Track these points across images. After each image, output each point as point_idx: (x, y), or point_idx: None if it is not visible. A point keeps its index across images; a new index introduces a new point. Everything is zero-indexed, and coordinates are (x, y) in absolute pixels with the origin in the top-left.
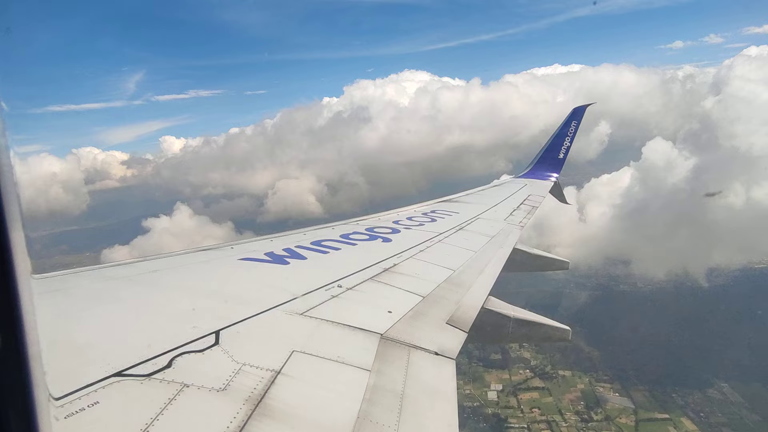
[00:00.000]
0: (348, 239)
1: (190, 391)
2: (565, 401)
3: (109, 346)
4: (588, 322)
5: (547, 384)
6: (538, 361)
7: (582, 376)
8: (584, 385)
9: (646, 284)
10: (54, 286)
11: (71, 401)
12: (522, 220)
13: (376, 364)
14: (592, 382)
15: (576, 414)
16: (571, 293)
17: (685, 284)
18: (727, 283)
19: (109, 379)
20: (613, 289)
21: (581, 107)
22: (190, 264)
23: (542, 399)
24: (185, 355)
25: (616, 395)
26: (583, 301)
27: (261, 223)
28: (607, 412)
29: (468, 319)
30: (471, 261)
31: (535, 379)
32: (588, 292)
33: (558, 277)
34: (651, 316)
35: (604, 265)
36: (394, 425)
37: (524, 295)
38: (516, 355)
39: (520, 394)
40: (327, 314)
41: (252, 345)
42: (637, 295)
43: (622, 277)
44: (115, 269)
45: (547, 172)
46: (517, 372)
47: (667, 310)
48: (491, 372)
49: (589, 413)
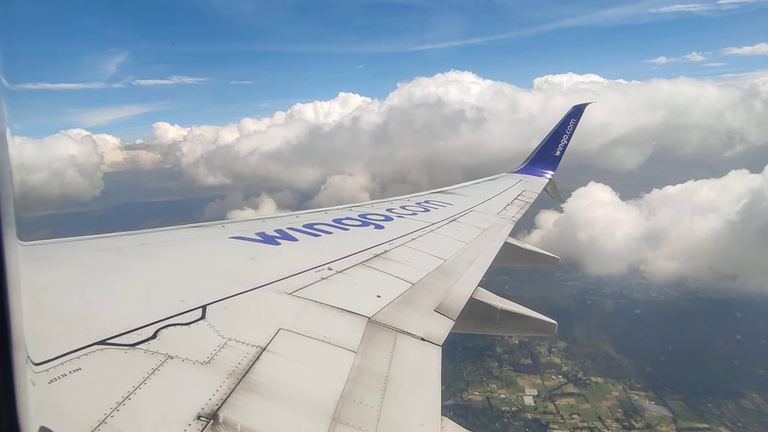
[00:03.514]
0: (340, 224)
1: (174, 362)
2: (602, 408)
3: (94, 315)
4: (615, 330)
5: (581, 390)
6: (569, 367)
7: (615, 384)
8: (618, 392)
9: (661, 294)
10: (41, 253)
11: (54, 366)
12: (515, 214)
13: (362, 346)
14: (626, 389)
15: (616, 421)
16: (598, 301)
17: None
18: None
19: (92, 346)
20: (632, 297)
21: (580, 106)
22: (180, 239)
23: (579, 405)
24: (171, 327)
25: (653, 404)
26: (610, 309)
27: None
28: (647, 420)
29: (456, 308)
30: (462, 252)
31: (569, 385)
32: (612, 300)
33: (578, 285)
34: (677, 325)
35: (627, 275)
36: (377, 405)
37: (548, 301)
38: (546, 360)
39: (556, 399)
40: (316, 295)
41: (239, 321)
42: (661, 304)
43: (635, 287)
44: (104, 241)
45: (542, 168)
46: (550, 377)
47: (692, 320)
48: (523, 376)
49: (629, 421)
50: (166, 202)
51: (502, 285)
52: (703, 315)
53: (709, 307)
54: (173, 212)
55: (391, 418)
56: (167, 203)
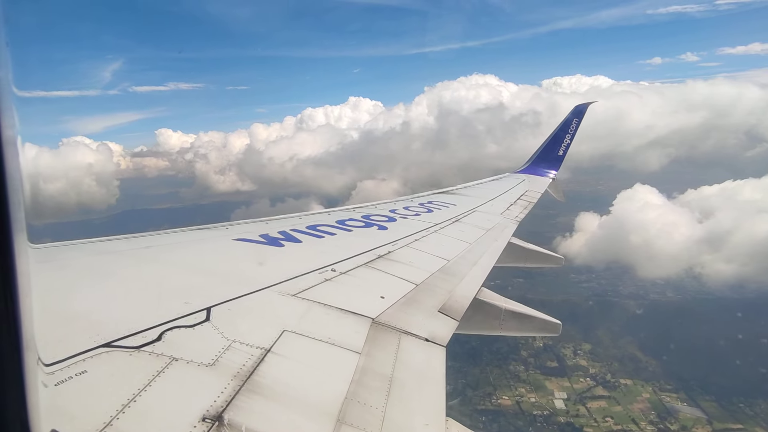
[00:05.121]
0: (344, 225)
1: (178, 364)
2: (635, 411)
3: (99, 318)
4: (640, 331)
5: (611, 393)
6: (596, 369)
7: (644, 386)
8: (649, 394)
9: (677, 293)
10: (49, 256)
11: (60, 369)
12: (518, 214)
13: (366, 347)
14: (657, 391)
15: (651, 424)
16: (622, 303)
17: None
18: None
19: (98, 349)
20: (650, 298)
21: (583, 105)
22: (184, 242)
23: (611, 408)
24: (175, 329)
25: (685, 405)
26: (634, 311)
27: None
28: (681, 422)
29: (460, 309)
30: (465, 252)
31: (598, 387)
32: (637, 301)
33: (594, 287)
34: (701, 326)
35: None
36: (381, 407)
37: (570, 304)
38: (572, 362)
39: (587, 402)
40: (319, 296)
41: (243, 323)
42: (678, 304)
43: (650, 287)
44: (109, 244)
45: (546, 168)
46: (578, 380)
47: (717, 320)
48: (551, 380)
49: (664, 423)
50: (180, 209)
51: (519, 288)
52: (721, 315)
53: (716, 307)
54: (194, 218)
55: (396, 419)
56: (181, 209)
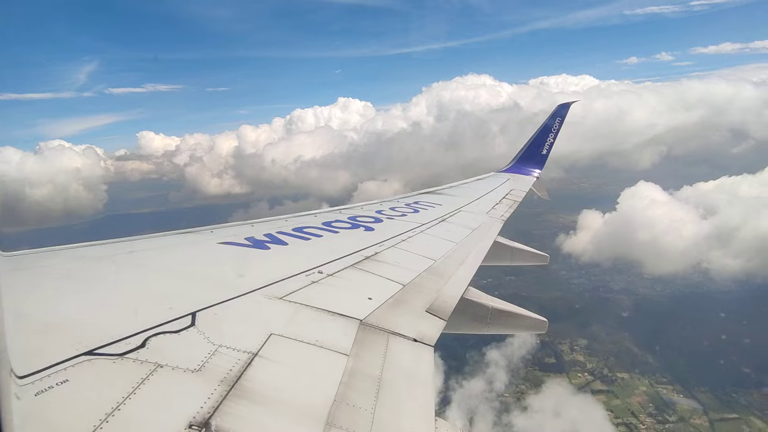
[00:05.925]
0: (330, 227)
1: (164, 371)
2: (634, 404)
3: (80, 325)
4: (634, 327)
5: (610, 387)
6: (593, 364)
7: (641, 379)
8: (646, 387)
9: (666, 288)
10: (25, 264)
11: (40, 379)
12: (504, 213)
13: (354, 349)
14: (653, 384)
15: (650, 416)
16: (615, 298)
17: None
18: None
19: (79, 357)
20: (639, 293)
21: (565, 104)
22: (168, 246)
23: (611, 402)
24: (160, 335)
25: (681, 397)
26: (628, 307)
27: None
28: (679, 413)
29: (447, 308)
30: (452, 252)
31: (596, 382)
32: (627, 297)
33: (584, 283)
34: (688, 319)
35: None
36: (370, 408)
37: (562, 301)
38: (570, 358)
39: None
40: (306, 299)
41: (229, 327)
42: (667, 298)
43: (639, 282)
44: (89, 249)
45: (530, 167)
46: (576, 375)
47: (704, 312)
48: (550, 376)
49: (662, 415)
50: (165, 212)
51: (511, 286)
52: (709, 309)
53: (724, 300)
54: (181, 222)
55: (385, 420)
56: (166, 213)
